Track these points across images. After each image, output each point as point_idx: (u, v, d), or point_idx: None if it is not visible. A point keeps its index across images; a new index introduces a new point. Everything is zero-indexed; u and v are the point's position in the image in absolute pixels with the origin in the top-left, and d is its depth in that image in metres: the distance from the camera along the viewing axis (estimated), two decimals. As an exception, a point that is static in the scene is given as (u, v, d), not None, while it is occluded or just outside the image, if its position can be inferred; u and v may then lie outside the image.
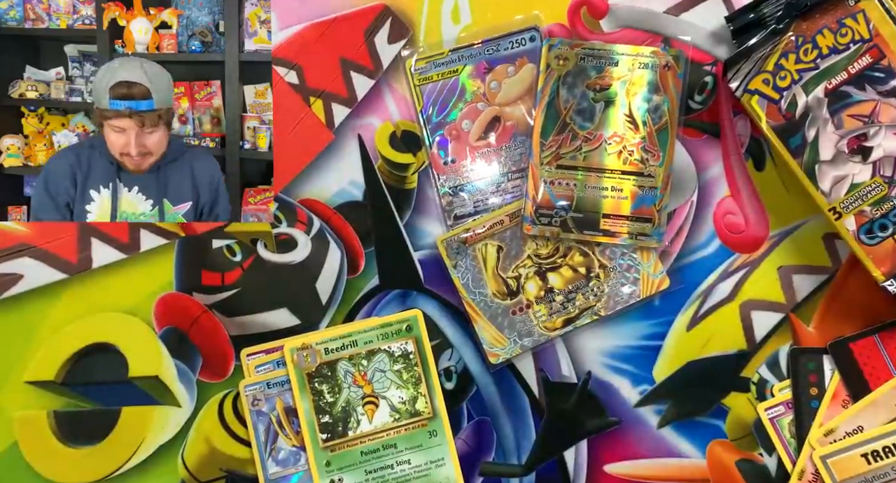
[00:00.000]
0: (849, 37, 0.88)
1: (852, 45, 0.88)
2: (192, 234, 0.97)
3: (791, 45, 0.89)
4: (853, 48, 0.88)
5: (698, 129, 0.96)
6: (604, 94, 0.94)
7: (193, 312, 0.95)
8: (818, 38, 0.89)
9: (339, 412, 0.93)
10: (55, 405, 0.95)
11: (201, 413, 0.95)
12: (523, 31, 0.96)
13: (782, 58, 0.89)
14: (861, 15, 0.88)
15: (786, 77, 0.89)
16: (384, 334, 0.94)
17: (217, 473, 0.95)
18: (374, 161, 0.97)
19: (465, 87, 0.96)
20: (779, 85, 0.89)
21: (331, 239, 0.96)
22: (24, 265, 0.95)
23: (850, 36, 0.88)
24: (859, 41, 0.88)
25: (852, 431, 0.90)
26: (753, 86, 0.90)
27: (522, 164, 0.96)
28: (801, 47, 0.89)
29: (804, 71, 0.89)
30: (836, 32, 0.88)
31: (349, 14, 0.97)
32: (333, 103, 0.97)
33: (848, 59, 0.88)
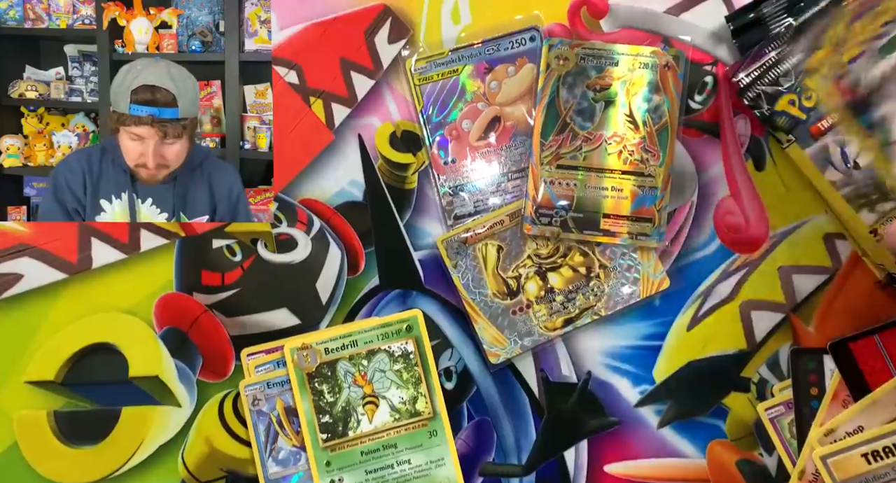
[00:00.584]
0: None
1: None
2: (192, 233, 0.97)
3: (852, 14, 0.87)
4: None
5: (698, 128, 0.96)
6: (604, 93, 0.94)
7: (194, 312, 0.95)
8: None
9: (339, 412, 0.93)
10: (55, 405, 0.95)
11: (201, 413, 0.95)
12: (523, 30, 0.96)
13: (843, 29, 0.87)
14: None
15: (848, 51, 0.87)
16: (384, 334, 0.94)
17: (217, 473, 0.95)
18: (374, 161, 0.97)
19: (465, 87, 0.96)
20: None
21: (331, 239, 0.96)
22: (24, 265, 0.95)
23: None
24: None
25: (852, 431, 0.90)
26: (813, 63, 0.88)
27: (522, 164, 0.96)
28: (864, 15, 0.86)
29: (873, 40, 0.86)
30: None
31: (349, 14, 0.97)
32: (333, 103, 0.97)
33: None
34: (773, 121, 0.90)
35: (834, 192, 0.89)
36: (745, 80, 0.91)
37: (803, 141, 0.90)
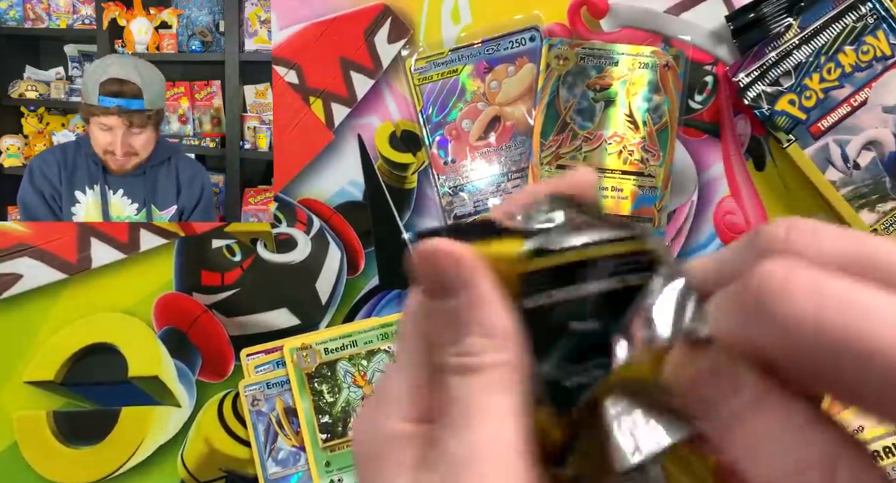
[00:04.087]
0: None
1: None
2: (191, 233, 0.97)
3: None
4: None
5: (698, 129, 0.96)
6: (604, 93, 0.94)
7: (193, 312, 0.95)
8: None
9: (338, 412, 0.93)
10: (55, 405, 0.95)
11: (201, 413, 0.95)
12: (523, 30, 0.96)
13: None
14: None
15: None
16: (384, 334, 0.94)
17: (217, 474, 0.95)
18: (373, 161, 0.96)
19: (465, 87, 0.96)
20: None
21: (331, 239, 0.96)
22: (23, 265, 0.95)
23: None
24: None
25: (853, 432, 0.89)
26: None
27: (522, 163, 0.96)
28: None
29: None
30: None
31: (349, 14, 0.97)
32: (333, 103, 0.97)
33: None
34: (773, 121, 0.90)
35: (834, 192, 0.89)
36: (745, 80, 0.90)
37: (803, 141, 0.90)
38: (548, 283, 0.35)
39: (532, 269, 0.35)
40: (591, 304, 0.35)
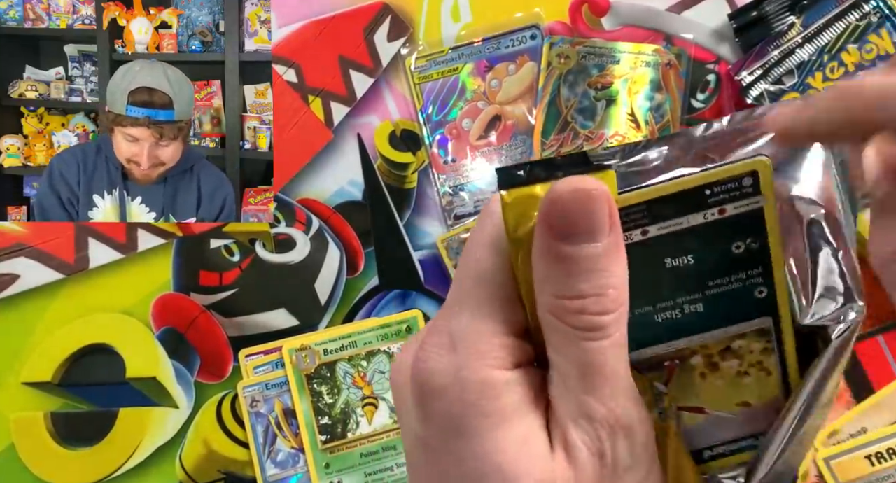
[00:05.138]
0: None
1: None
2: (189, 233, 0.96)
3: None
4: None
5: (701, 128, 0.96)
6: (605, 92, 0.93)
7: (191, 313, 0.95)
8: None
9: (338, 414, 0.92)
10: (52, 406, 0.95)
11: (199, 414, 0.95)
12: (524, 28, 0.95)
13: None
14: None
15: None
16: (384, 335, 0.94)
17: (215, 475, 0.94)
18: (373, 160, 0.96)
19: (465, 86, 0.95)
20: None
21: (330, 239, 0.96)
22: (20, 265, 0.95)
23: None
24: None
25: (856, 433, 0.89)
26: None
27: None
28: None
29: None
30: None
31: (348, 12, 0.96)
32: (332, 102, 0.96)
33: None
34: (776, 119, 0.89)
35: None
36: (747, 79, 0.90)
37: (806, 140, 0.89)
38: (642, 218, 0.34)
39: (626, 204, 0.34)
40: (688, 238, 0.34)
